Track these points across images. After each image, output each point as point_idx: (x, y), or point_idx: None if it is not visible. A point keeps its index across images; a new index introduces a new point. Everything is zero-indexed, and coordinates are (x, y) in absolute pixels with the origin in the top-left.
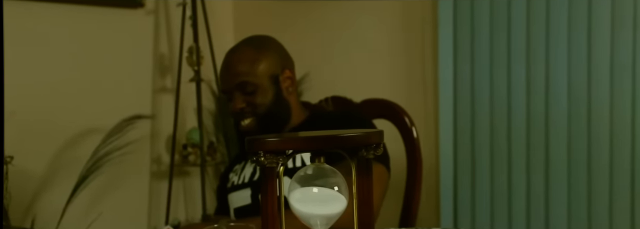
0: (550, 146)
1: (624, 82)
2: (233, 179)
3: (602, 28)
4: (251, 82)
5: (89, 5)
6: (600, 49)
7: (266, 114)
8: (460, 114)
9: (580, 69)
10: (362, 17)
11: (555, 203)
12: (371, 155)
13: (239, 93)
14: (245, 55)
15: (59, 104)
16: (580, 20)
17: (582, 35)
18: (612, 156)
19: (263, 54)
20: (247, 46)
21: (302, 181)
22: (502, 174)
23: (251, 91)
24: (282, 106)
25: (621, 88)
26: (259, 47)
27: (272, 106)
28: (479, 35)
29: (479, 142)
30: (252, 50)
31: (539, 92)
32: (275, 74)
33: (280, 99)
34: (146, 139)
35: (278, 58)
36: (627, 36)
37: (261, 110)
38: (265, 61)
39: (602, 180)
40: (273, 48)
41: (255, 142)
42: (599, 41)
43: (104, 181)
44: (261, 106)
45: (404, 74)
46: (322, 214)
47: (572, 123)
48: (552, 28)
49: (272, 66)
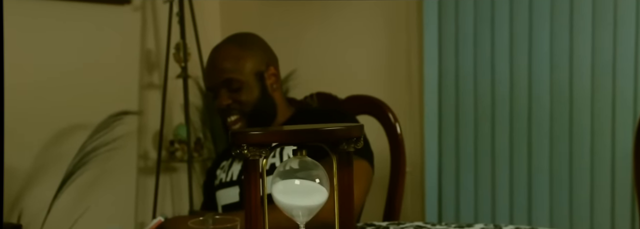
0: (532, 141)
1: (605, 78)
2: (221, 176)
3: (584, 25)
4: (236, 79)
5: (76, 1)
6: (581, 46)
7: (252, 111)
8: (444, 109)
9: (562, 65)
10: (348, 14)
11: (537, 198)
12: (352, 148)
13: (225, 90)
14: (230, 53)
15: (46, 99)
16: (562, 17)
17: (564, 32)
18: (593, 150)
19: (247, 51)
20: (231, 44)
21: (285, 173)
22: (486, 169)
23: (236, 88)
24: (267, 103)
25: (602, 84)
26: (243, 45)
27: (257, 102)
28: (463, 32)
29: (463, 138)
30: (236, 48)
31: (522, 88)
32: (260, 70)
33: (265, 95)
34: (133, 135)
35: (262, 55)
36: (607, 33)
37: (247, 107)
38: (250, 58)
39: (583, 173)
40: (257, 45)
41: (239, 136)
42: (581, 38)
43: (91, 177)
44: (247, 103)
45: (390, 70)
46: (304, 206)
47: (554, 118)
48: (535, 25)
49: (257, 63)
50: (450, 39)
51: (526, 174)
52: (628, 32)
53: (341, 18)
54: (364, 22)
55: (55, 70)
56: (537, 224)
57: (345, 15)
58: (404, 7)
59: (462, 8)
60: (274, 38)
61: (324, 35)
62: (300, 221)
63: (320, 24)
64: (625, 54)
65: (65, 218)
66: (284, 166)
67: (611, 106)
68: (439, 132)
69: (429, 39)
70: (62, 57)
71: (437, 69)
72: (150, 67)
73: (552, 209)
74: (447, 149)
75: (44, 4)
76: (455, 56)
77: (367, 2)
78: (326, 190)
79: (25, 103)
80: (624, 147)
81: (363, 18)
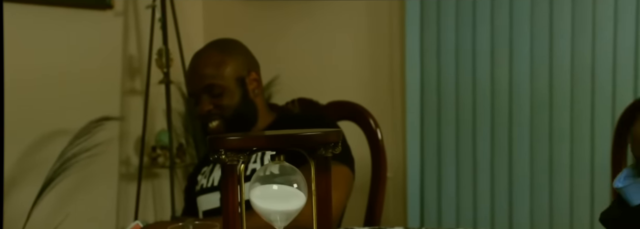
0: (513, 145)
1: (584, 82)
2: (202, 181)
3: (563, 29)
4: (218, 84)
5: (58, 6)
6: (561, 51)
7: (233, 115)
8: (426, 115)
9: (542, 71)
10: (331, 20)
11: (518, 202)
12: (330, 153)
13: (206, 96)
14: (211, 59)
15: (25, 104)
16: (542, 22)
17: (543, 37)
18: (572, 154)
19: (229, 57)
20: (212, 49)
21: (263, 178)
22: (467, 173)
23: (218, 94)
24: (248, 108)
25: (581, 89)
26: (224, 50)
27: (239, 107)
28: (444, 38)
29: (445, 143)
30: (217, 54)
31: (503, 94)
32: (242, 76)
33: (247, 101)
34: (115, 140)
35: (244, 61)
36: (586, 37)
37: (228, 112)
38: (231, 63)
39: (563, 178)
40: (238, 51)
41: (217, 141)
42: (560, 43)
43: (72, 183)
44: (228, 108)
45: (372, 75)
46: (282, 210)
47: (535, 123)
48: (515, 30)
49: (238, 69)
50: (432, 45)
51: (507, 179)
52: (607, 37)
53: (323, 24)
54: (346, 28)
55: (36, 75)
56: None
57: (328, 22)
58: (386, 12)
59: (444, 13)
60: (257, 44)
61: (306, 41)
62: (278, 226)
63: (303, 31)
64: (604, 59)
65: (45, 225)
66: (262, 171)
67: (590, 110)
68: (420, 137)
69: (411, 45)
70: (42, 62)
71: (419, 75)
72: (132, 72)
73: (533, 214)
74: (429, 155)
75: (25, 8)
76: (436, 61)
77: (349, 7)
78: (304, 195)
79: (5, 108)
80: (603, 150)
81: (345, 24)
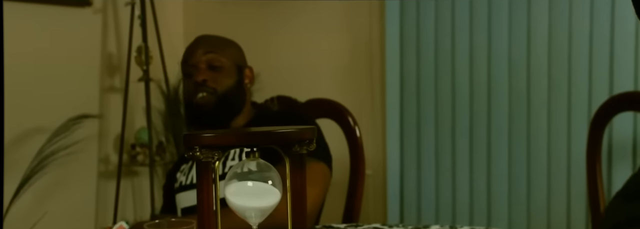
0: (492, 143)
1: (561, 82)
2: (181, 179)
3: (541, 29)
4: (219, 59)
5: (36, 3)
6: (539, 50)
7: (224, 95)
8: (406, 113)
9: (520, 70)
10: (311, 18)
11: (496, 199)
12: (304, 150)
13: (205, 67)
14: (219, 39)
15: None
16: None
17: (521, 36)
18: (549, 153)
19: (233, 46)
20: (218, 36)
21: (238, 175)
22: (447, 171)
23: (217, 67)
24: (239, 94)
25: (558, 85)
26: (229, 40)
27: (231, 90)
28: (424, 36)
29: (425, 140)
30: (224, 38)
31: (482, 92)
32: (241, 65)
33: (239, 87)
34: (94, 138)
35: (243, 56)
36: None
37: (221, 89)
38: (236, 50)
39: (540, 175)
40: (240, 48)
41: (191, 138)
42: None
43: (50, 181)
44: (222, 85)
45: (352, 74)
46: (256, 207)
47: (513, 121)
48: (494, 30)
49: (240, 57)
50: (411, 43)
51: (485, 176)
52: (583, 38)
53: (304, 23)
54: (327, 27)
55: (13, 72)
56: (497, 225)
57: (308, 20)
58: (366, 11)
59: (424, 12)
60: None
61: (287, 39)
62: (253, 222)
63: (284, 29)
64: (580, 59)
65: (22, 224)
66: (236, 168)
67: (566, 108)
68: (400, 135)
69: (391, 43)
70: (20, 59)
71: (399, 73)
72: (112, 70)
73: (510, 210)
74: (409, 152)
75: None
76: (416, 60)
77: (329, 6)
78: (279, 191)
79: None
80: (579, 147)
81: (326, 22)
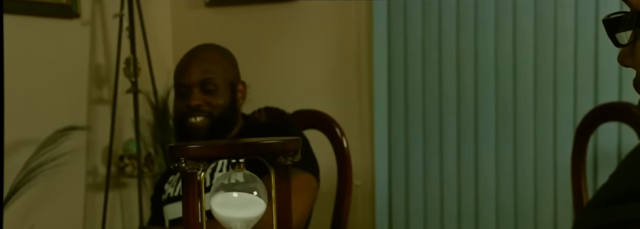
0: (479, 153)
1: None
2: (169, 190)
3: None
4: (214, 82)
5: (24, 15)
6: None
7: (219, 116)
8: (394, 124)
9: (506, 80)
10: (300, 30)
11: (484, 210)
12: (289, 161)
13: (199, 90)
14: (213, 56)
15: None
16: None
17: (507, 46)
18: (536, 163)
19: (227, 61)
20: (212, 50)
21: (223, 186)
22: (435, 181)
23: (211, 90)
24: (233, 113)
25: (544, 94)
26: (224, 54)
27: (226, 109)
28: (412, 47)
29: (413, 151)
30: (218, 54)
31: (469, 102)
32: (234, 82)
33: (233, 106)
34: (81, 150)
35: (237, 69)
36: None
37: (216, 111)
38: (229, 67)
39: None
40: (233, 59)
41: (177, 149)
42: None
43: (37, 193)
44: (217, 107)
45: (341, 85)
46: (242, 218)
47: (499, 130)
48: (480, 41)
49: (233, 75)
50: (399, 54)
51: (473, 185)
52: (568, 45)
53: (292, 34)
54: (315, 38)
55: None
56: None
57: (297, 32)
58: (354, 22)
59: (411, 24)
60: None
61: (275, 50)
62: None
63: (272, 40)
64: (566, 67)
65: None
66: (222, 179)
67: (552, 117)
68: (388, 145)
69: (378, 54)
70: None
71: (387, 84)
72: (100, 82)
73: (498, 220)
74: (397, 162)
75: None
76: (404, 71)
77: (317, 17)
78: (264, 202)
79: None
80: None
81: (313, 34)
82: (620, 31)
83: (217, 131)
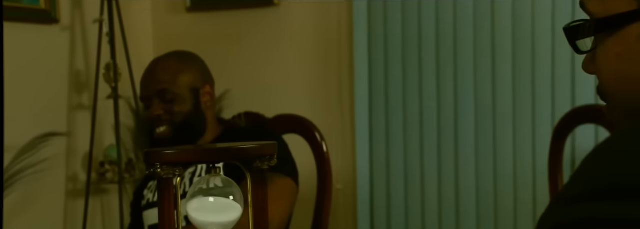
0: (459, 157)
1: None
2: (148, 196)
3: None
4: (171, 90)
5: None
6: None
7: (182, 123)
8: (375, 128)
9: (485, 86)
10: (281, 35)
11: (464, 213)
12: (265, 166)
13: (158, 100)
14: (169, 65)
15: None
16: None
17: (486, 54)
18: (515, 166)
19: (186, 67)
20: (172, 58)
21: (199, 191)
22: (416, 185)
23: (170, 99)
24: (198, 118)
25: (522, 98)
26: (183, 60)
27: (188, 116)
28: (392, 53)
29: (394, 155)
30: (176, 62)
31: (448, 107)
32: (196, 87)
33: (197, 111)
34: (61, 156)
35: (200, 73)
36: (526, 47)
37: (178, 118)
38: (188, 73)
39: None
40: (196, 63)
41: (152, 155)
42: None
43: (16, 200)
44: (178, 115)
45: (322, 89)
46: (218, 222)
47: (479, 136)
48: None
49: (194, 79)
50: (379, 59)
51: (454, 188)
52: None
53: (273, 40)
54: (296, 43)
55: None
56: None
57: (277, 37)
58: (335, 27)
59: (391, 30)
60: (208, 59)
61: (257, 56)
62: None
63: (253, 45)
64: (543, 71)
65: None
66: (198, 184)
67: (531, 120)
68: (370, 149)
69: (359, 59)
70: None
71: (368, 88)
72: (80, 87)
73: (479, 222)
74: (378, 166)
75: None
76: (384, 76)
77: (297, 22)
78: (240, 207)
79: None
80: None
81: (295, 39)
82: (580, 39)
83: (184, 138)
